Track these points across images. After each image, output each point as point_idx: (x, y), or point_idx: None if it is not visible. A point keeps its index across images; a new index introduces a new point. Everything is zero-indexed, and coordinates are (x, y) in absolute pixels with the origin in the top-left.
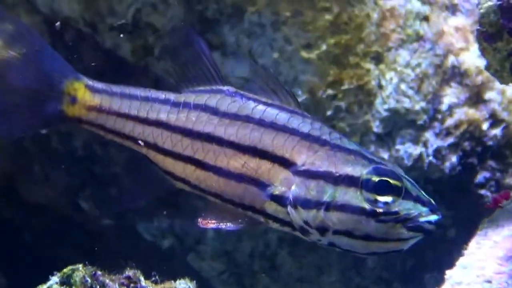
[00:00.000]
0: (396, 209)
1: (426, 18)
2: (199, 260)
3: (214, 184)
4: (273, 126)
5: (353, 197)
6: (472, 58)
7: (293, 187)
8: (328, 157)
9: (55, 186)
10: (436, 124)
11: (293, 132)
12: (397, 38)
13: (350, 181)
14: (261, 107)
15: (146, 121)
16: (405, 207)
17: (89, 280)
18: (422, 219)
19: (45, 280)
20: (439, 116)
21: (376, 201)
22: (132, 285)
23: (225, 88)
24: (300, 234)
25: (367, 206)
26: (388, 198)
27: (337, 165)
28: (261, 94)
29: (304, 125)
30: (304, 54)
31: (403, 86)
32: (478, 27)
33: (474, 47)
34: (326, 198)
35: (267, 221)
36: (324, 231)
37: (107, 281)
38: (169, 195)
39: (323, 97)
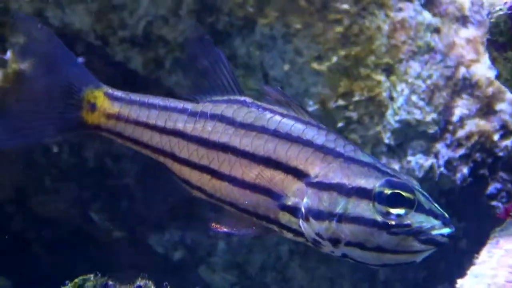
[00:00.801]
0: (409, 221)
1: (437, 30)
2: (211, 272)
3: (229, 193)
4: (287, 137)
5: (365, 209)
6: (483, 70)
7: (305, 199)
8: (342, 169)
9: (66, 198)
10: (447, 135)
11: (307, 143)
12: (408, 50)
13: (363, 193)
14: (276, 118)
15: (163, 130)
16: (417, 219)
17: None
18: (434, 232)
19: None
20: (450, 128)
21: (388, 213)
22: None
23: (242, 98)
24: (313, 245)
25: (379, 218)
26: (400, 211)
27: (350, 177)
28: (276, 106)
29: (319, 136)
30: (315, 66)
31: (414, 98)
32: (489, 37)
33: (485, 59)
34: (338, 210)
35: (281, 230)
36: (336, 242)
37: None
38: (181, 207)
39: (334, 108)
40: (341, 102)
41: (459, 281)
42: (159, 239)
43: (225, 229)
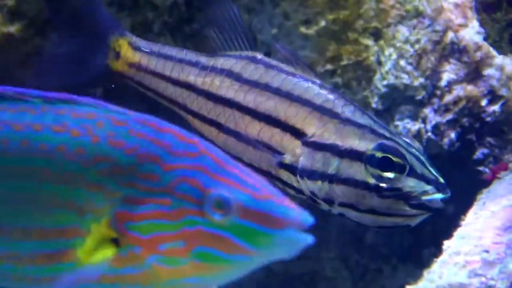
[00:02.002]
0: (399, 185)
1: None
2: None
3: (235, 148)
4: (288, 95)
5: (357, 171)
6: (471, 34)
7: (301, 158)
8: (337, 130)
9: None
10: (435, 100)
11: (306, 103)
12: (396, 14)
13: (355, 155)
14: (280, 75)
15: (177, 82)
16: (408, 184)
17: None
18: (425, 197)
19: None
20: (438, 92)
21: (380, 176)
22: None
23: (252, 54)
24: (313, 203)
25: (370, 180)
26: (390, 175)
27: (343, 139)
28: (287, 64)
29: (319, 96)
30: (303, 29)
31: (402, 62)
32: None
33: (473, 23)
34: (331, 170)
35: (284, 187)
36: (330, 202)
37: None
38: None
39: (322, 72)
40: (329, 66)
41: (446, 243)
42: None
43: None
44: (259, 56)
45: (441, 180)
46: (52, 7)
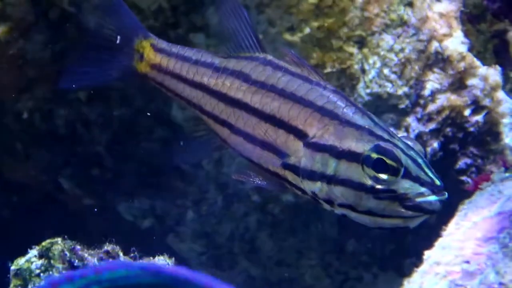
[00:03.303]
0: (394, 187)
1: (410, 4)
2: (179, 241)
3: (245, 148)
4: (291, 96)
5: (354, 172)
6: (455, 44)
7: (302, 159)
8: (336, 131)
9: (37, 164)
10: (418, 109)
11: (308, 104)
12: (381, 22)
13: (352, 157)
14: (286, 77)
15: (192, 83)
16: (403, 186)
17: (68, 254)
18: (419, 199)
19: (24, 253)
20: (422, 102)
21: (376, 178)
22: (110, 259)
23: (261, 56)
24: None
25: (367, 182)
26: (385, 176)
27: (342, 140)
28: (294, 66)
29: (321, 97)
30: (287, 36)
31: (386, 71)
32: (463, 9)
33: (458, 33)
34: (329, 171)
35: (291, 187)
36: (330, 203)
37: (86, 255)
38: (150, 176)
39: None
40: None
41: (426, 253)
42: (128, 207)
43: (243, 179)
44: (269, 57)
45: (438, 182)
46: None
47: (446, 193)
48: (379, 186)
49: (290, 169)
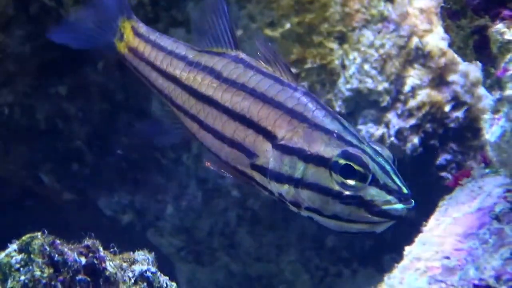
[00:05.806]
0: (361, 194)
1: None
2: (158, 236)
3: (213, 145)
4: (262, 97)
5: (322, 177)
6: (435, 40)
7: (271, 160)
8: (305, 135)
9: (16, 159)
10: (399, 105)
11: (278, 105)
12: (361, 18)
13: (320, 161)
14: (257, 76)
15: (165, 74)
16: (370, 193)
17: (48, 248)
18: (386, 207)
19: (4, 248)
20: (402, 97)
21: (343, 183)
22: (90, 254)
23: (233, 53)
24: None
25: (334, 187)
26: (352, 182)
27: (310, 144)
28: (267, 64)
29: (291, 99)
30: (268, 32)
31: (366, 66)
32: (443, 4)
33: (438, 29)
34: (297, 174)
35: (258, 188)
36: (297, 206)
37: (66, 249)
38: (129, 171)
39: None
40: (293, 69)
41: (407, 248)
42: (108, 202)
43: (215, 168)
44: (241, 55)
45: (405, 190)
46: None
47: (413, 201)
48: (346, 192)
49: (258, 170)
